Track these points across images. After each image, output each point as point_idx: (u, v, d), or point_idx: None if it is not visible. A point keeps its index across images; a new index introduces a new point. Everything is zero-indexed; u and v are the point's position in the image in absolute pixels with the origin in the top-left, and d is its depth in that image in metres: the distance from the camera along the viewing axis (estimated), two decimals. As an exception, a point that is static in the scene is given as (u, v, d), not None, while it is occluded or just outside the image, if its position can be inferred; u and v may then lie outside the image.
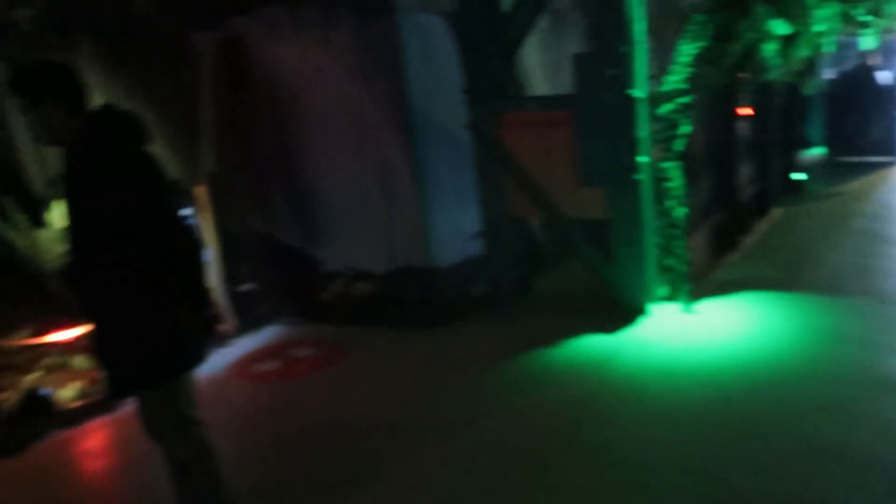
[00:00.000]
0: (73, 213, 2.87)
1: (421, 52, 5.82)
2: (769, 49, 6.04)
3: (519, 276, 6.35)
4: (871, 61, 12.93)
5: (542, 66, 7.02)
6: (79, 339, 5.53)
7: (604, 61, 5.32)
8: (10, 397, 4.94)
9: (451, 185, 6.18)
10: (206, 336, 3.04)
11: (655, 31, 5.74)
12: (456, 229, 6.20)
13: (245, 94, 6.24)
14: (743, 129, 7.90)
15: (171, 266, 2.80)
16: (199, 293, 2.95)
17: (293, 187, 6.35)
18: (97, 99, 2.95)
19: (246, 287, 6.41)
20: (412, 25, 5.73)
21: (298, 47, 5.94)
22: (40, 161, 7.03)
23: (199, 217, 5.95)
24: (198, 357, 3.03)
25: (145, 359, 2.87)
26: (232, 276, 6.23)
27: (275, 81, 6.10)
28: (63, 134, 2.80)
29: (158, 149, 2.99)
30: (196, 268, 2.92)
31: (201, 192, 5.99)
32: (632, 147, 5.41)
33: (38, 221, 6.54)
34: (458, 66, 6.02)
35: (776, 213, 8.93)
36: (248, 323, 6.16)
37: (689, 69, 5.72)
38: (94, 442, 4.62)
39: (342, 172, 6.14)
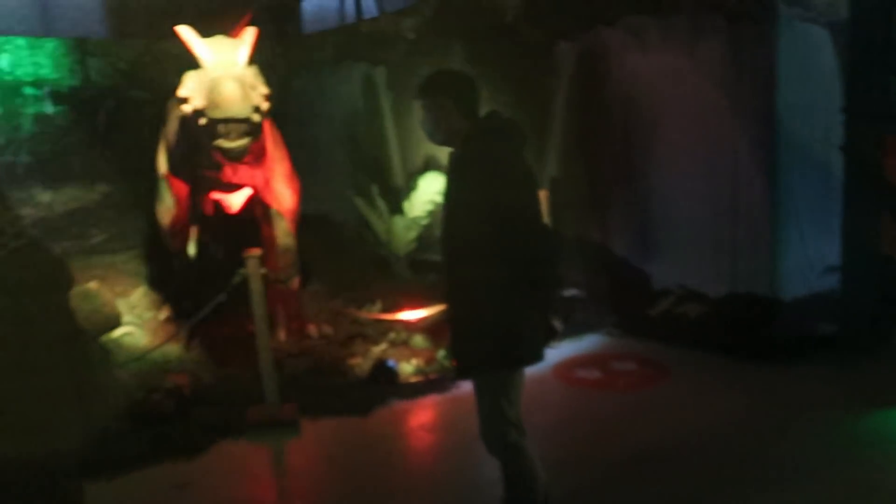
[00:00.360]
0: (453, 205, 3.09)
1: (797, 65, 5.35)
2: None
3: (879, 321, 5.56)
4: None
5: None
6: (420, 320, 6.02)
7: None
8: (363, 363, 5.53)
9: (809, 211, 5.62)
10: (548, 337, 3.15)
11: None
12: (809, 260, 5.62)
13: (599, 104, 6.29)
14: None
15: (532, 267, 2.93)
16: (551, 296, 3.09)
17: (633, 199, 6.26)
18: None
19: (571, 292, 6.48)
20: (791, 35, 5.30)
21: (660, 56, 5.84)
22: (403, 155, 7.82)
23: (542, 220, 6.15)
24: (537, 355, 3.11)
25: (492, 346, 3.00)
26: (561, 281, 6.35)
27: (631, 91, 6.07)
28: (455, 135, 3.06)
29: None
30: (553, 273, 3.06)
31: (543, 196, 6.17)
32: None
33: (395, 209, 7.27)
34: (837, 81, 5.45)
35: None
36: (571, 328, 6.20)
37: None
38: (428, 416, 4.98)
39: (688, 187, 5.91)
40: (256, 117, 4.69)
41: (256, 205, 5.81)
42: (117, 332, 5.78)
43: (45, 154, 7.76)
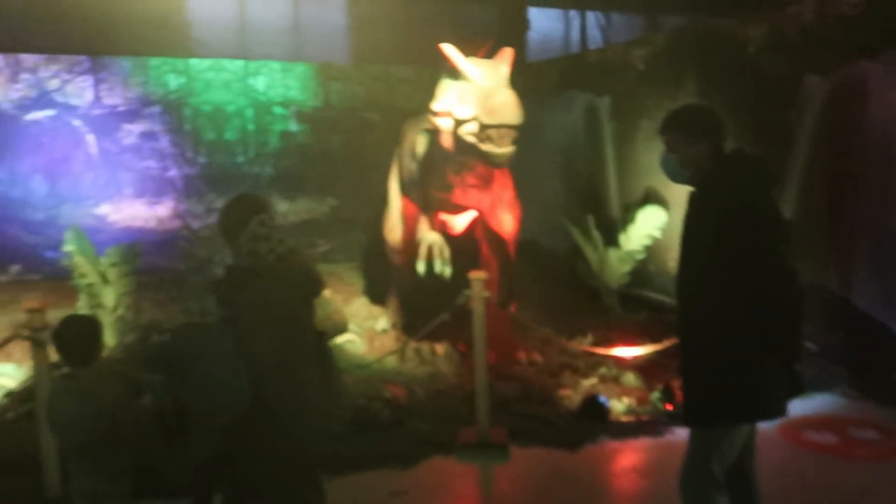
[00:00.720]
0: (692, 246, 2.97)
1: None
2: None
3: None
4: None
5: None
6: (634, 358, 5.83)
7: None
8: (572, 396, 5.45)
9: None
10: (791, 392, 2.94)
11: None
12: None
13: (850, 143, 5.80)
14: None
15: (776, 316, 2.76)
16: (796, 347, 2.87)
17: (883, 248, 5.67)
18: None
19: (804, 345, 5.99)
20: None
21: None
22: (621, 187, 7.69)
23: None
24: (779, 410, 2.92)
25: (727, 397, 2.83)
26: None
27: (890, 131, 5.53)
28: (698, 173, 2.94)
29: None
30: (798, 322, 2.86)
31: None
32: None
33: (610, 241, 7.15)
34: None
35: None
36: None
37: None
38: (639, 459, 4.79)
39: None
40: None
41: (478, 227, 5.96)
42: (340, 339, 6.15)
43: (286, 168, 8.51)
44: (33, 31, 8.37)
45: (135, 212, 7.89)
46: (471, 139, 4.79)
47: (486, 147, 4.69)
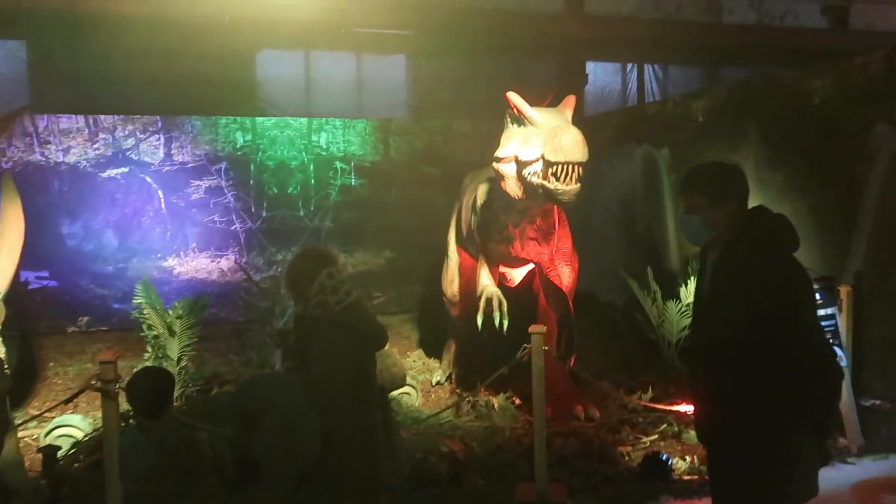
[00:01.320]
0: (707, 306, 2.85)
1: None
2: None
3: None
4: None
5: None
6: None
7: None
8: (632, 452, 5.31)
9: None
10: (821, 463, 2.78)
11: None
12: None
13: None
14: None
15: (805, 393, 2.58)
16: (827, 424, 2.69)
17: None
18: (752, 188, 2.91)
19: (875, 403, 5.73)
20: None
21: None
22: (680, 239, 7.58)
23: (842, 318, 5.56)
24: (810, 490, 2.73)
25: (756, 480, 2.67)
26: (862, 387, 5.65)
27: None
28: (719, 235, 2.80)
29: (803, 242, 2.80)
30: (832, 398, 2.70)
31: (845, 292, 5.60)
32: None
33: (670, 293, 7.02)
34: None
35: None
36: (875, 443, 5.47)
37: None
38: (704, 522, 4.62)
39: None
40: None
41: (537, 280, 5.94)
42: (397, 392, 6.15)
43: (345, 220, 8.68)
44: (111, 94, 8.86)
45: (199, 264, 8.15)
46: (536, 180, 4.81)
47: (553, 185, 4.70)
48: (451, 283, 6.43)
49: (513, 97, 5.06)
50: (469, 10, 9.43)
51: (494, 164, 5.23)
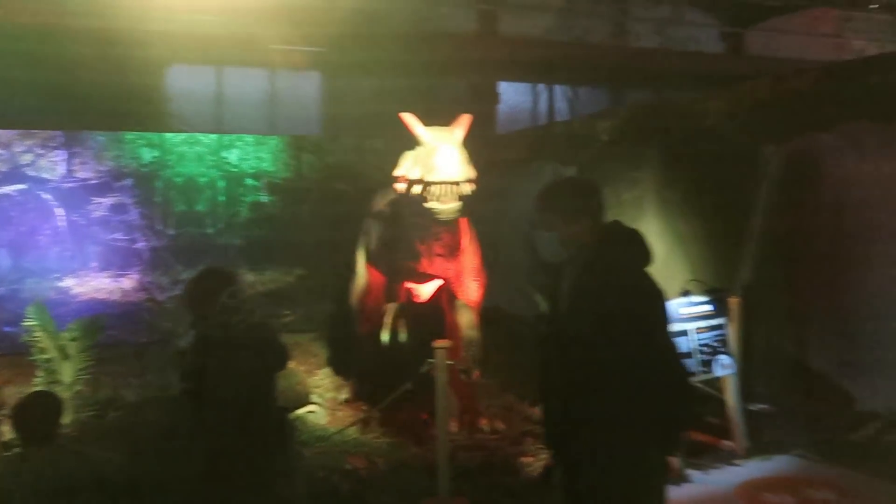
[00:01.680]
0: (566, 322, 2.84)
1: None
2: None
3: None
4: None
5: None
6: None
7: None
8: (535, 464, 5.43)
9: None
10: (667, 481, 2.82)
11: None
12: None
13: (805, 210, 6.00)
14: None
15: (655, 408, 2.62)
16: (676, 438, 2.81)
17: (838, 313, 5.80)
18: (652, 206, 3.01)
19: (760, 407, 6.04)
20: None
21: (879, 164, 5.51)
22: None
23: (731, 328, 5.84)
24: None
25: (600, 493, 2.72)
26: (748, 392, 5.94)
27: (843, 198, 5.74)
28: (578, 247, 2.85)
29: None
30: (682, 413, 2.75)
31: (736, 302, 5.89)
32: None
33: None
34: None
35: None
36: (759, 446, 5.74)
37: None
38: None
39: (902, 303, 5.41)
40: (467, 187, 4.97)
41: (444, 295, 6.02)
42: (302, 410, 6.11)
43: (255, 238, 8.58)
44: (9, 107, 8.53)
45: (99, 284, 7.90)
46: (419, 199, 4.92)
47: (431, 204, 4.81)
48: (360, 300, 6.44)
49: (405, 117, 5.15)
50: (384, 29, 9.53)
51: (395, 184, 5.32)
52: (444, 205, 4.82)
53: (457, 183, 4.81)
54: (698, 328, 5.70)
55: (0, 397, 3.71)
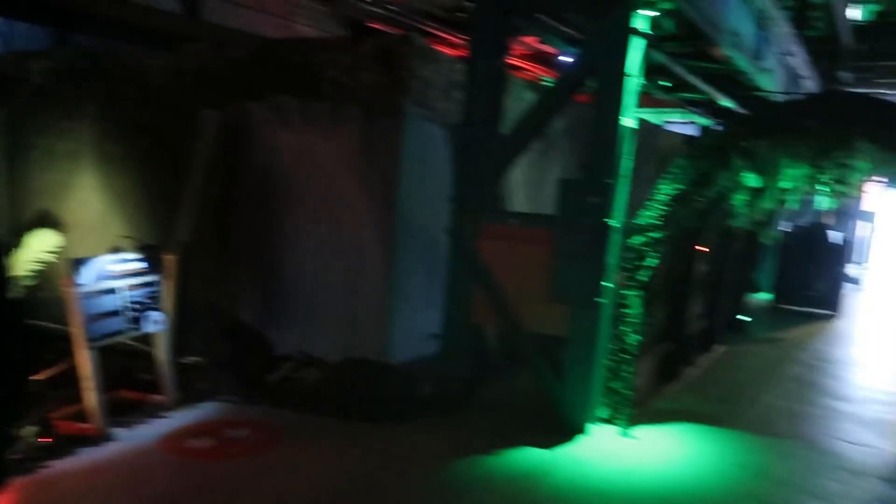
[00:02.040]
0: None
1: (417, 157, 6.02)
2: (739, 198, 6.48)
3: (467, 381, 6.40)
4: (825, 220, 13.74)
5: (526, 184, 7.29)
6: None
7: (588, 189, 5.71)
8: None
9: (420, 285, 6.25)
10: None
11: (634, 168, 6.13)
12: (416, 328, 6.23)
13: (238, 173, 6.37)
14: (699, 267, 8.22)
15: None
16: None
17: (263, 267, 6.35)
18: (91, 159, 2.91)
19: (192, 360, 6.30)
20: (414, 131, 5.94)
21: (301, 135, 6.12)
22: (12, 207, 7.04)
23: (165, 285, 5.94)
24: None
25: None
26: (181, 347, 6.17)
27: (270, 164, 6.22)
28: None
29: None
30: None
31: (171, 260, 6.00)
32: (601, 271, 5.69)
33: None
34: (449, 174, 6.28)
35: (719, 350, 9.22)
36: (189, 396, 6.01)
37: (664, 207, 6.06)
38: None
39: (315, 260, 6.16)
40: None
41: None
42: None
43: None
44: None
45: None
46: None
47: None
48: None
49: None
50: None
51: None
52: None
53: None
54: (130, 285, 5.67)
55: None
